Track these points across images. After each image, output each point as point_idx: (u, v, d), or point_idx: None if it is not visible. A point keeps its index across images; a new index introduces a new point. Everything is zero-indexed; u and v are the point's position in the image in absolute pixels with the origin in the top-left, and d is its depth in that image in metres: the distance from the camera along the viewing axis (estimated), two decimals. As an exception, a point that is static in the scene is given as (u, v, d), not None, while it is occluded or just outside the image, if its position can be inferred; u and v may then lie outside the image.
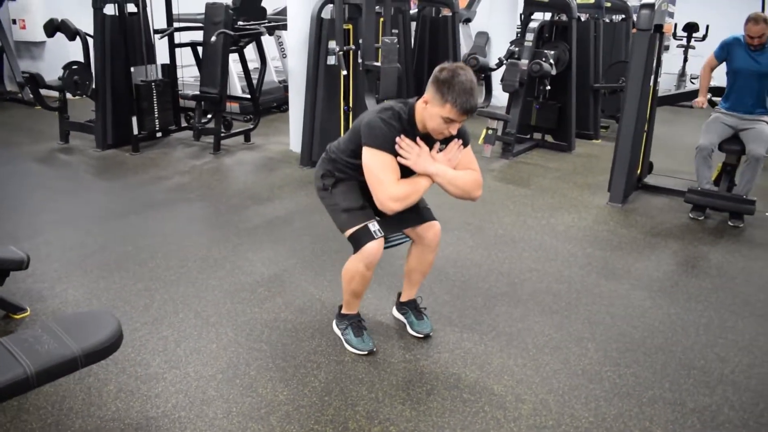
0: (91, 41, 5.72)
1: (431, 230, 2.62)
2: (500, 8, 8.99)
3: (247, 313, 2.97)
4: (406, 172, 2.39)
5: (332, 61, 5.22)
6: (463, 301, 3.15)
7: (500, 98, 7.87)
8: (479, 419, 2.28)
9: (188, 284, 3.24)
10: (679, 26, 9.25)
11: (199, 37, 6.21)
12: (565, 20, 6.22)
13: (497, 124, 5.98)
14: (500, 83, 6.17)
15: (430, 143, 2.42)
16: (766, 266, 3.69)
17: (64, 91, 5.75)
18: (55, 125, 6.12)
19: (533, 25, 6.21)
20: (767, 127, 4.26)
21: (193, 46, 6.36)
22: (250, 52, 6.70)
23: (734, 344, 2.83)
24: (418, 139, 2.38)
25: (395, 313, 2.94)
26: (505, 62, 6.20)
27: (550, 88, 6.20)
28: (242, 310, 3.00)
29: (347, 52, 5.19)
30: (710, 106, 4.63)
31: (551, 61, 5.96)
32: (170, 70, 6.16)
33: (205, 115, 6.25)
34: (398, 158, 2.36)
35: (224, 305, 3.04)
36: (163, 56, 6.17)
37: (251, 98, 6.38)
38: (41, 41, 8.26)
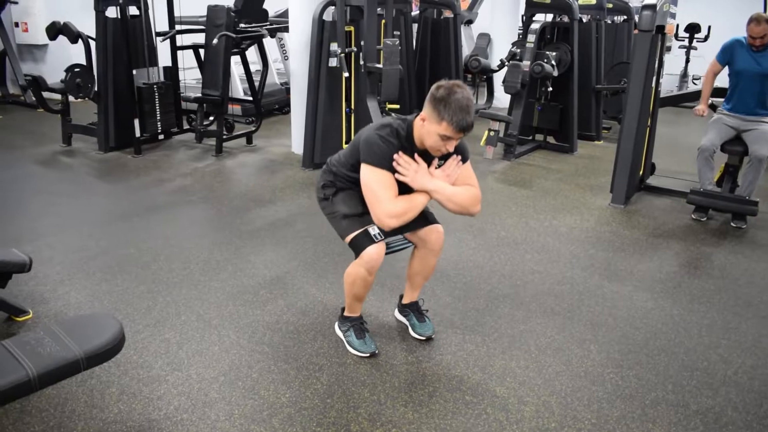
0: (93, 44, 5.73)
1: (434, 233, 2.62)
2: (502, 10, 9.01)
3: (249, 315, 2.97)
4: (405, 188, 2.40)
5: (334, 63, 5.23)
6: (465, 303, 3.15)
7: (502, 100, 7.89)
8: (482, 421, 2.27)
9: (190, 286, 3.25)
10: (681, 27, 9.25)
11: (201, 39, 6.22)
12: (566, 21, 6.22)
13: (499, 125, 5.99)
14: (502, 85, 6.18)
15: (428, 159, 2.43)
16: (769, 267, 3.68)
17: (66, 93, 5.77)
18: (57, 128, 6.14)
19: (535, 26, 6.22)
20: (770, 127, 4.26)
21: (195, 48, 6.38)
22: (252, 54, 6.72)
23: (737, 345, 2.82)
24: (416, 155, 2.40)
25: (397, 315, 2.94)
26: (506, 64, 6.21)
27: (551, 89, 6.20)
28: (244, 312, 3.00)
29: (349, 54, 5.20)
30: (711, 110, 4.62)
31: (553, 62, 5.97)
32: (172, 72, 6.17)
33: (207, 117, 6.27)
34: (396, 175, 2.37)
35: (226, 307, 3.04)
36: (165, 59, 6.19)
37: (253, 100, 6.40)
38: (43, 44, 8.28)
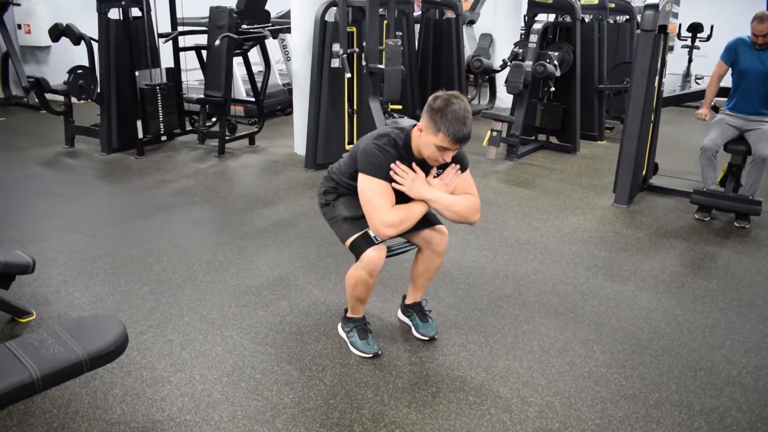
0: (95, 45, 5.74)
1: (438, 235, 2.61)
2: (504, 10, 9.00)
3: (252, 316, 2.97)
4: (404, 198, 2.40)
5: (336, 63, 5.23)
6: (468, 303, 3.15)
7: (504, 100, 7.89)
8: (485, 422, 2.27)
9: (193, 287, 3.25)
10: (683, 27, 9.23)
11: (203, 40, 6.22)
12: (569, 21, 6.22)
13: (502, 125, 5.99)
14: (504, 85, 6.18)
15: (427, 168, 2.43)
16: (772, 267, 3.67)
17: (69, 95, 5.78)
18: (60, 129, 6.15)
19: (537, 26, 6.21)
20: (773, 127, 4.25)
21: (197, 49, 6.38)
22: (254, 55, 6.73)
23: (741, 345, 2.82)
24: (414, 164, 2.40)
25: (400, 315, 2.94)
26: (509, 64, 6.20)
27: (554, 89, 6.19)
28: (247, 313, 3.00)
29: (351, 54, 5.20)
30: (714, 111, 4.61)
31: (555, 62, 5.96)
32: (175, 73, 6.19)
33: (209, 118, 6.27)
34: (393, 184, 2.37)
35: (229, 308, 3.04)
36: (167, 60, 6.20)
37: (255, 101, 6.41)
38: (46, 46, 8.31)
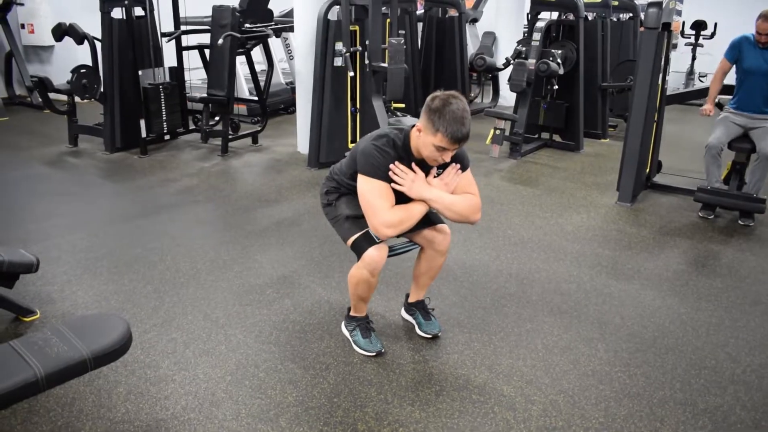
0: (99, 45, 5.75)
1: (440, 234, 2.61)
2: (507, 8, 8.98)
3: (255, 314, 2.98)
4: (404, 198, 2.40)
5: (339, 62, 5.23)
6: (471, 301, 3.14)
7: (508, 98, 7.88)
8: (489, 420, 2.27)
9: (197, 286, 3.25)
10: (687, 24, 9.21)
11: (206, 39, 6.23)
12: (572, 19, 6.20)
13: (505, 124, 5.98)
14: (508, 83, 6.16)
15: (426, 169, 2.42)
16: (777, 265, 3.66)
17: (72, 94, 5.79)
18: (63, 128, 6.17)
19: (540, 24, 6.21)
20: (777, 125, 4.23)
21: (200, 48, 6.39)
22: (257, 54, 6.73)
23: (745, 344, 2.81)
24: (413, 164, 2.39)
25: (403, 314, 2.94)
26: (512, 62, 6.19)
27: (557, 87, 6.19)
28: (251, 311, 3.00)
29: (354, 53, 5.20)
30: (718, 109, 4.59)
31: (558, 60, 5.95)
32: (178, 72, 6.19)
33: (212, 117, 6.28)
34: (393, 184, 2.37)
35: (233, 307, 3.04)
36: (170, 59, 6.21)
37: (258, 100, 6.41)
38: (49, 45, 8.32)
